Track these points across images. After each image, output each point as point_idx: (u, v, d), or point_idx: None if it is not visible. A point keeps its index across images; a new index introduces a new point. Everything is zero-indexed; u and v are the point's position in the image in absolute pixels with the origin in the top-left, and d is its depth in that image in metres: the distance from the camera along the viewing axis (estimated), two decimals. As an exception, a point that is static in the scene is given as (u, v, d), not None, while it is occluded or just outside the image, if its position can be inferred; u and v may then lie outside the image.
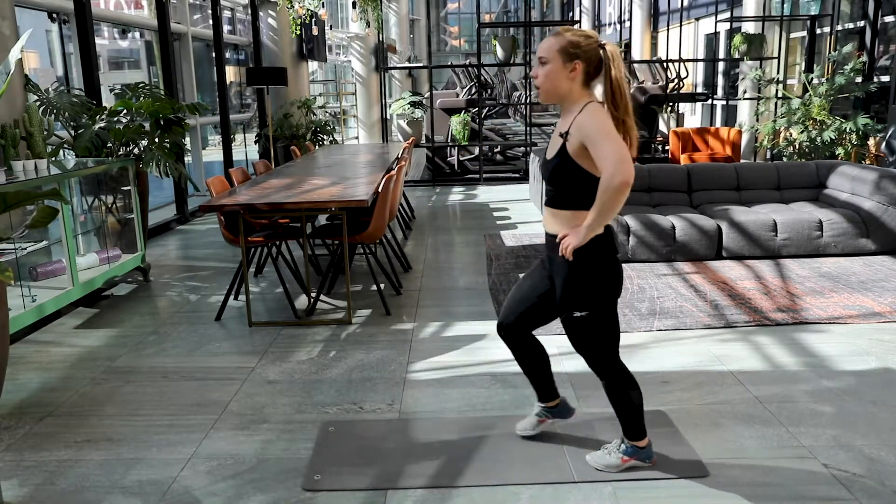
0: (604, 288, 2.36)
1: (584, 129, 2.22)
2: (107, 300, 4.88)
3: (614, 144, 2.16)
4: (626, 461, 2.51)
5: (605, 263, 2.35)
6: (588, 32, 2.32)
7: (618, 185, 2.14)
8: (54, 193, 2.56)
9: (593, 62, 2.29)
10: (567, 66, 2.28)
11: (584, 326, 2.38)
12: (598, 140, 2.18)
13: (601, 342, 2.41)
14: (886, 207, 5.43)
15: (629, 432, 2.50)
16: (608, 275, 2.36)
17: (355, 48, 14.01)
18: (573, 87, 2.30)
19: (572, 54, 2.27)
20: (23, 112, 4.62)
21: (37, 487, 2.51)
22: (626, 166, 2.14)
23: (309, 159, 6.77)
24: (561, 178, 2.33)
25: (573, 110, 2.30)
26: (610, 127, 2.21)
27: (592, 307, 2.36)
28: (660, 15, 15.25)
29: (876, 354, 3.53)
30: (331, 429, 2.88)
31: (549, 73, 2.29)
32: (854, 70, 8.61)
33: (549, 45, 2.29)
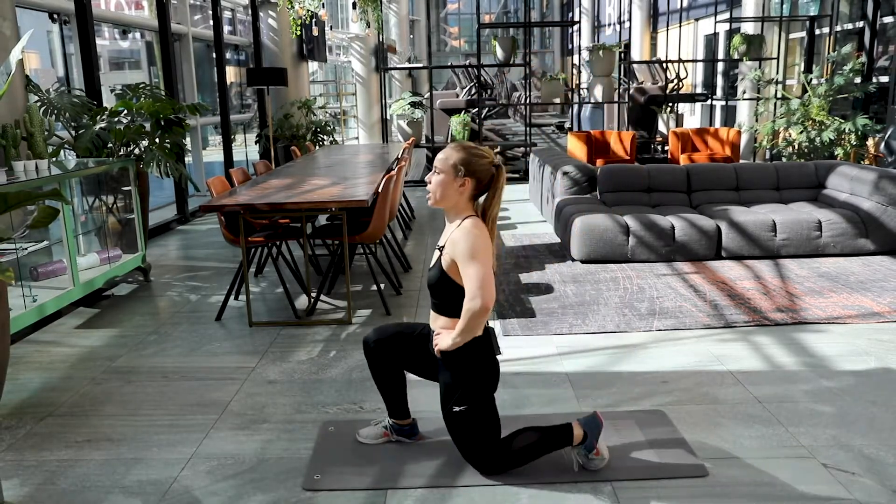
0: (480, 385, 2.47)
1: (456, 247, 2.37)
2: (107, 300, 4.89)
3: (479, 268, 2.32)
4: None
5: (481, 364, 2.47)
6: (484, 152, 2.46)
7: (478, 309, 2.31)
8: (55, 193, 2.57)
9: (484, 180, 2.44)
10: (457, 180, 2.42)
11: (463, 420, 2.47)
12: (465, 262, 2.34)
13: (480, 434, 2.49)
14: (885, 207, 5.44)
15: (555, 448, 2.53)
16: (484, 374, 2.48)
17: (355, 49, 14.02)
18: (459, 200, 2.45)
19: (464, 171, 2.41)
20: (24, 112, 4.63)
21: (37, 487, 2.52)
22: (487, 292, 2.31)
23: (309, 159, 6.78)
24: (438, 290, 2.50)
25: (455, 222, 2.46)
26: (480, 247, 2.35)
27: (470, 402, 2.45)
28: (659, 15, 15.25)
29: (875, 354, 3.54)
30: (331, 428, 2.88)
31: (440, 182, 2.45)
32: (853, 70, 8.62)
33: (446, 157, 2.45)
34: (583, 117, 12.64)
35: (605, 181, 6.27)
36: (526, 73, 11.00)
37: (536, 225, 7.11)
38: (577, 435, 2.50)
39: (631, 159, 9.27)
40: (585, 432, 2.50)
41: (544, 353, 3.65)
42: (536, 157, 7.93)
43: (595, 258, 5.39)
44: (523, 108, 11.53)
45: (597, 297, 4.55)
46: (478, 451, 2.49)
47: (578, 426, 2.51)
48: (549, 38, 27.66)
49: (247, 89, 11.39)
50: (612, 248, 5.37)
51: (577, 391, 3.19)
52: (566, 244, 5.68)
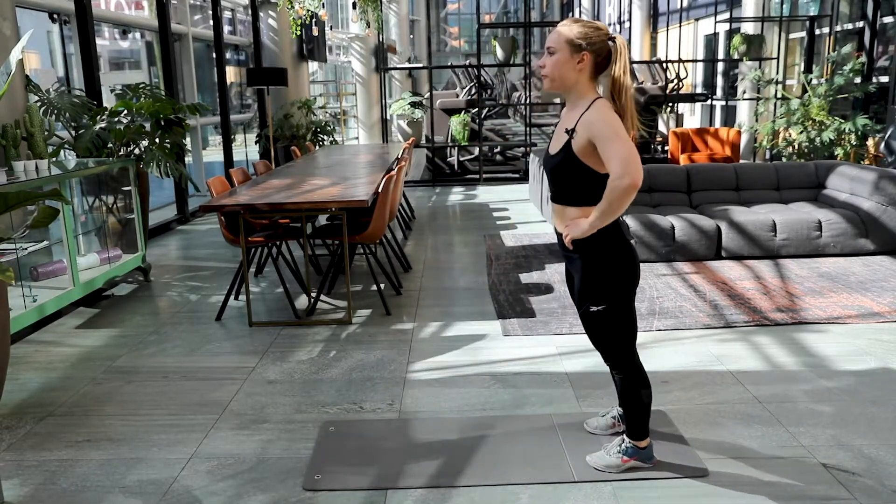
0: (619, 281, 2.34)
1: (592, 127, 2.20)
2: (107, 300, 4.89)
3: (624, 145, 2.15)
4: (627, 461, 2.50)
5: (618, 256, 2.32)
6: (598, 24, 2.29)
7: (626, 186, 2.13)
8: (55, 194, 2.57)
9: (601, 55, 2.27)
10: (575, 56, 2.25)
11: (601, 321, 2.38)
12: (606, 140, 2.17)
13: (618, 336, 2.40)
14: (885, 207, 5.44)
15: (632, 431, 2.50)
16: (622, 267, 2.33)
17: (355, 49, 14.02)
18: (580, 79, 2.28)
19: (580, 46, 2.24)
20: (24, 112, 4.63)
21: (38, 487, 2.52)
22: (634, 168, 2.13)
23: (309, 160, 6.78)
24: (565, 175, 2.32)
25: (580, 105, 2.28)
26: (619, 126, 2.19)
27: (608, 301, 2.34)
28: (659, 15, 15.25)
29: (875, 354, 3.54)
30: (331, 428, 2.88)
31: (556, 62, 2.27)
32: (853, 70, 8.62)
33: (558, 35, 2.27)
34: (583, 117, 12.60)
35: (605, 181, 6.26)
36: (526, 73, 11.00)
37: (536, 225, 7.12)
38: (646, 441, 2.50)
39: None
40: (649, 448, 2.52)
41: (544, 353, 3.65)
42: (536, 157, 7.93)
43: (595, 258, 5.38)
44: (523, 108, 11.53)
45: (597, 297, 4.55)
46: (618, 350, 2.43)
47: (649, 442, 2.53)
48: (549, 38, 27.61)
49: (247, 89, 11.39)
50: (612, 248, 5.35)
51: (577, 391, 3.19)
52: (566, 244, 5.66)
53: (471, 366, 3.52)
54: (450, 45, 28.46)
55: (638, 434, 2.49)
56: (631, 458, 2.50)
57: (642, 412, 2.47)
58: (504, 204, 8.51)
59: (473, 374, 3.43)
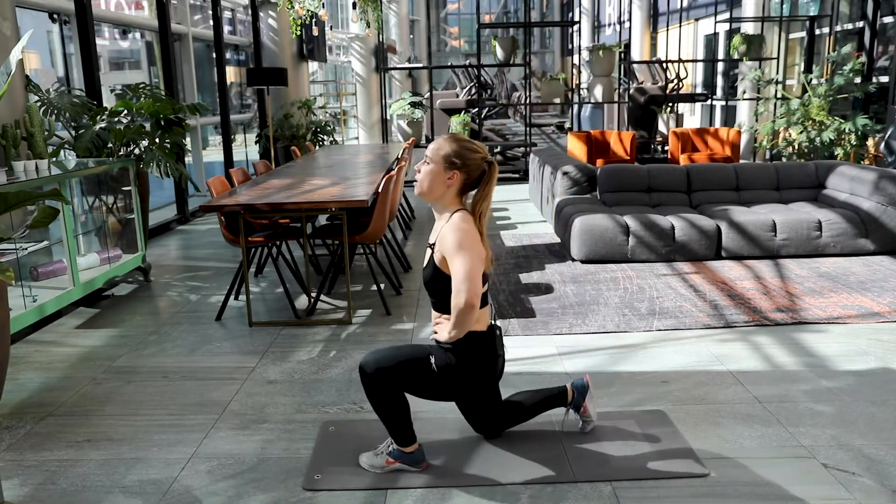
0: (481, 381, 2.52)
1: (444, 242, 2.35)
2: (107, 300, 4.89)
3: (465, 262, 2.27)
4: (391, 463, 2.54)
5: (481, 361, 2.48)
6: (477, 147, 2.42)
7: (462, 304, 2.27)
8: (55, 194, 2.57)
9: (473, 175, 2.41)
10: (447, 172, 2.38)
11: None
12: (452, 255, 2.31)
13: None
14: (885, 207, 5.44)
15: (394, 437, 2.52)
16: (484, 371, 2.50)
17: (355, 49, 14.02)
18: (447, 194, 2.42)
19: (454, 164, 2.38)
20: (24, 112, 4.63)
21: (38, 487, 2.52)
22: (471, 285, 2.25)
23: (309, 160, 6.78)
24: (434, 287, 2.46)
25: (443, 217, 2.43)
26: (467, 241, 2.31)
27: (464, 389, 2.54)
28: (659, 15, 15.25)
29: (875, 354, 3.54)
30: (331, 428, 2.88)
31: (429, 173, 2.41)
32: (853, 70, 8.62)
33: (437, 149, 2.41)
34: (583, 117, 12.64)
35: (605, 181, 6.27)
36: (526, 73, 11.00)
37: (536, 225, 7.12)
38: (415, 446, 2.54)
39: (631, 159, 9.27)
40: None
41: (544, 353, 3.65)
42: (536, 157, 7.93)
43: (595, 258, 5.40)
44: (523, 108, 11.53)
45: (597, 297, 4.55)
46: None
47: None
48: (549, 38, 27.66)
49: (247, 89, 11.39)
50: (612, 248, 5.37)
51: (577, 391, 3.19)
52: (566, 244, 5.68)
53: (471, 366, 3.52)
54: (450, 45, 28.46)
55: (401, 440, 2.52)
56: (396, 460, 2.54)
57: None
58: (504, 204, 8.51)
59: (473, 374, 3.42)
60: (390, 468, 2.53)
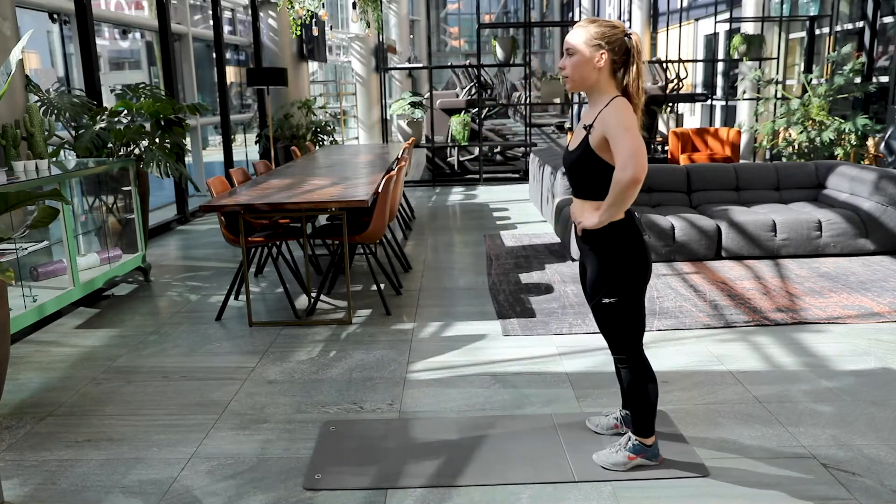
0: (630, 274, 2.39)
1: (606, 122, 2.27)
2: (107, 300, 4.89)
3: (632, 140, 2.21)
4: (633, 459, 2.51)
5: (630, 250, 2.38)
6: (614, 22, 2.35)
7: (628, 179, 2.20)
8: (55, 194, 2.57)
9: (619, 52, 2.33)
10: (593, 56, 2.31)
11: (612, 313, 2.41)
12: (616, 134, 2.23)
13: (627, 329, 2.44)
14: (885, 207, 5.44)
15: (638, 427, 2.50)
16: (634, 261, 2.38)
17: (355, 49, 14.02)
18: (600, 78, 2.34)
19: (598, 45, 2.30)
20: (24, 112, 4.63)
21: (38, 487, 2.52)
22: (638, 161, 2.19)
23: (309, 159, 6.78)
24: (584, 170, 2.38)
25: (599, 102, 2.35)
26: (631, 122, 2.25)
27: (620, 294, 2.38)
28: (659, 15, 15.25)
29: (875, 354, 3.54)
30: (332, 428, 2.88)
31: (575, 63, 2.33)
32: (853, 70, 8.62)
33: (576, 36, 2.33)
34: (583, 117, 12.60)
35: (605, 181, 6.26)
36: (526, 73, 11.00)
37: (536, 225, 7.12)
38: (653, 438, 2.51)
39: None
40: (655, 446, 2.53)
41: (544, 353, 3.65)
42: (536, 157, 7.93)
43: (595, 258, 5.39)
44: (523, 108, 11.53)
45: (597, 297, 4.55)
46: (627, 343, 2.47)
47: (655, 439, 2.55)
48: (549, 38, 27.67)
49: (247, 89, 11.39)
50: (612, 248, 5.36)
51: (578, 391, 3.19)
52: (566, 244, 5.68)
53: (471, 366, 3.52)
54: (450, 45, 28.47)
55: (644, 431, 2.50)
56: (637, 455, 2.51)
57: (648, 408, 2.48)
58: (504, 204, 8.51)
59: (473, 374, 3.43)
60: (632, 464, 2.52)
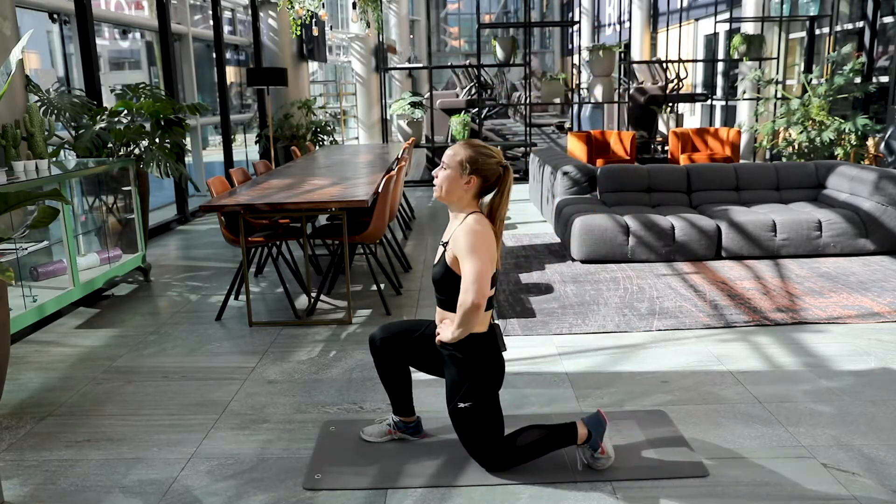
0: (484, 382, 2.48)
1: (457, 242, 2.40)
2: (107, 300, 4.89)
3: (475, 264, 2.33)
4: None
5: (485, 360, 2.47)
6: (492, 151, 2.47)
7: (469, 305, 2.32)
8: (55, 194, 2.56)
9: (490, 179, 2.46)
10: (463, 177, 2.44)
11: (467, 417, 2.48)
12: (463, 256, 2.36)
13: (484, 433, 2.50)
14: (885, 207, 5.44)
15: None
16: (488, 370, 2.48)
17: (355, 49, 14.02)
18: (464, 197, 2.47)
19: (470, 169, 2.43)
20: (24, 112, 4.63)
21: (37, 487, 2.52)
22: (478, 288, 2.31)
23: (309, 159, 6.78)
24: (443, 285, 2.50)
25: (458, 218, 2.47)
26: (479, 243, 2.36)
27: (474, 399, 2.46)
28: (659, 15, 15.25)
29: (875, 354, 3.54)
30: (332, 428, 2.88)
31: (446, 178, 2.47)
32: (853, 70, 8.62)
33: (454, 154, 2.46)
34: (583, 117, 12.64)
35: (605, 181, 6.27)
36: (526, 73, 11.00)
37: (536, 225, 7.12)
38: (582, 434, 2.50)
39: (631, 159, 9.27)
40: (590, 431, 2.50)
41: (544, 353, 3.65)
42: (536, 157, 7.93)
43: (595, 258, 5.40)
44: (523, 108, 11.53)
45: (597, 297, 4.55)
46: (483, 447, 2.51)
47: (582, 425, 2.51)
48: (549, 38, 27.66)
49: (247, 89, 11.39)
50: (612, 248, 5.37)
51: (577, 391, 3.19)
52: (566, 244, 5.68)
53: (471, 366, 3.52)
54: (450, 45, 28.47)
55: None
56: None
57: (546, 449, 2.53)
58: (504, 204, 8.50)
59: (473, 374, 3.42)
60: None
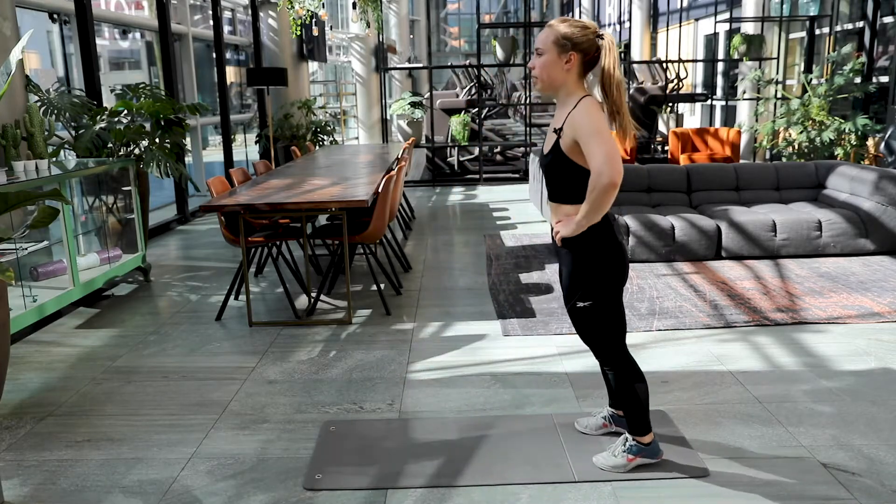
0: (605, 278, 2.35)
1: (575, 126, 2.23)
2: (107, 300, 4.89)
3: (604, 143, 2.18)
4: (633, 460, 2.50)
5: (606, 254, 2.34)
6: (585, 23, 2.30)
7: (605, 185, 2.17)
8: (55, 194, 2.56)
9: (590, 53, 2.28)
10: (562, 57, 2.28)
11: (588, 317, 2.39)
12: (588, 138, 2.20)
13: (605, 332, 2.42)
14: (885, 207, 5.44)
15: (633, 427, 2.50)
16: (609, 266, 2.35)
17: (355, 49, 14.02)
18: (568, 79, 2.30)
19: (567, 46, 2.26)
20: (24, 112, 4.63)
21: (37, 487, 2.52)
22: (613, 166, 2.16)
23: (309, 159, 6.78)
24: (557, 174, 2.35)
25: (568, 103, 2.31)
26: (602, 124, 2.21)
27: (595, 297, 2.36)
28: (659, 15, 15.25)
29: (875, 354, 3.54)
30: (332, 428, 2.88)
31: (544, 64, 2.30)
32: (853, 70, 8.62)
33: (546, 37, 2.29)
34: (583, 117, 12.59)
35: (605, 181, 6.26)
36: (526, 73, 10.99)
37: (536, 225, 7.11)
38: (651, 436, 2.50)
39: (631, 159, 9.27)
40: (653, 443, 2.51)
41: (544, 353, 3.65)
42: (536, 157, 7.93)
43: (595, 258, 5.38)
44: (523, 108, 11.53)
45: (597, 297, 4.55)
46: (606, 348, 2.45)
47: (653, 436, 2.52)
48: (549, 38, 27.60)
49: (247, 89, 11.39)
50: (612, 248, 5.36)
51: (578, 391, 3.19)
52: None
53: (471, 366, 3.52)
54: (450, 45, 28.46)
55: (640, 430, 2.49)
56: (636, 455, 2.50)
57: (640, 407, 2.47)
58: (504, 204, 8.51)
59: (473, 374, 3.42)
60: (633, 465, 2.50)
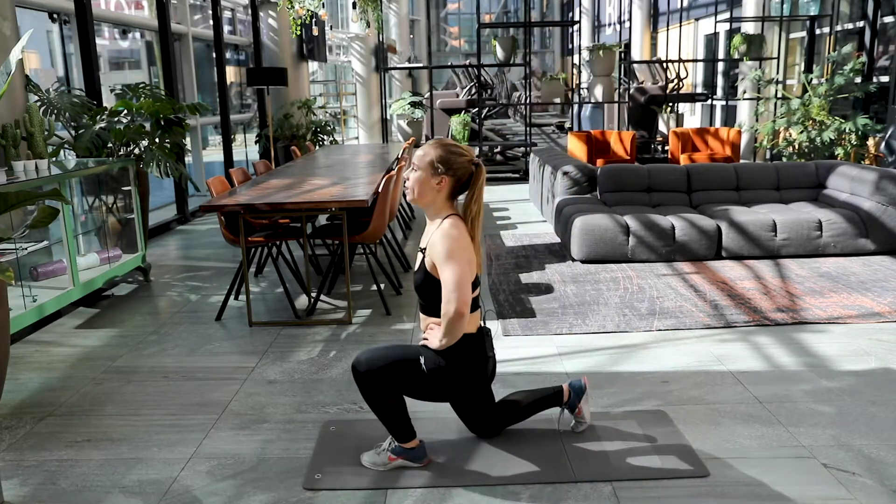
0: (471, 384, 2.52)
1: (434, 249, 2.36)
2: (107, 300, 4.89)
3: (454, 270, 2.30)
4: (394, 459, 2.55)
5: (471, 364, 2.48)
6: (463, 150, 2.43)
7: (452, 314, 2.30)
8: (55, 193, 2.56)
9: (462, 179, 2.42)
10: (434, 178, 2.40)
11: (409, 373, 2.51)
12: (441, 264, 2.33)
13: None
14: (886, 207, 5.44)
15: (395, 435, 2.54)
16: (475, 374, 2.50)
17: (355, 48, 14.02)
18: (437, 199, 2.43)
19: (440, 169, 2.39)
20: (23, 112, 4.63)
21: (37, 487, 2.52)
22: (460, 296, 2.28)
23: (309, 159, 6.78)
24: (424, 290, 2.47)
25: (435, 222, 2.44)
26: (456, 248, 2.33)
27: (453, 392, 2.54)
28: (659, 15, 15.25)
29: (875, 354, 3.54)
30: (332, 428, 2.88)
31: (417, 179, 2.42)
32: (853, 70, 8.62)
33: (423, 155, 2.42)
34: (583, 117, 12.64)
35: (605, 181, 6.27)
36: (526, 73, 11.00)
37: (536, 225, 7.12)
38: (416, 442, 2.56)
39: (631, 159, 9.27)
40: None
41: (544, 353, 3.65)
42: (536, 157, 7.93)
43: (595, 258, 5.39)
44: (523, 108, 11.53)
45: (597, 297, 4.55)
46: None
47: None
48: (549, 38, 27.66)
49: (247, 89, 11.39)
50: (612, 248, 5.37)
51: (578, 391, 3.19)
52: (566, 244, 5.68)
53: (471, 366, 3.52)
54: (450, 45, 28.46)
55: (402, 437, 2.53)
56: (399, 456, 2.55)
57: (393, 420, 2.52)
58: (504, 204, 8.51)
59: (473, 374, 3.42)
60: (393, 465, 2.54)
